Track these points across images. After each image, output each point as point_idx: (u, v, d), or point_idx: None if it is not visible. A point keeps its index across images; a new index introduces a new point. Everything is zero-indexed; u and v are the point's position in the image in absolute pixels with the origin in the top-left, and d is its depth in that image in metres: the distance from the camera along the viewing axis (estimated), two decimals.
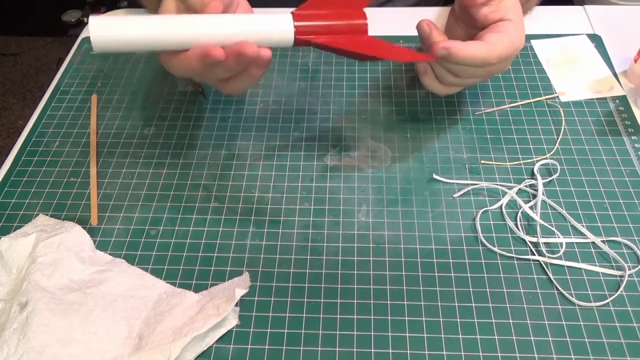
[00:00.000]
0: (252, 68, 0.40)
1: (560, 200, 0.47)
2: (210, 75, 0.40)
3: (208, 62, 0.37)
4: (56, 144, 0.54)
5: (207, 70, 0.39)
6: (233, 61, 0.38)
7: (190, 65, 0.38)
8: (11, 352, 0.37)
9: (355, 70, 0.60)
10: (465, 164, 0.50)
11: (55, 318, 0.38)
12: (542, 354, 0.38)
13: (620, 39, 0.60)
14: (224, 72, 0.40)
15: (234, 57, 0.38)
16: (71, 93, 0.59)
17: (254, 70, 0.40)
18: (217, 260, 0.44)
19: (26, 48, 1.84)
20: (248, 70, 0.40)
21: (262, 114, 0.56)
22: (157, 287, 0.42)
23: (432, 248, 0.44)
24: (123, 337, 0.39)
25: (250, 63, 0.39)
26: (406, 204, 0.47)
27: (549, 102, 0.55)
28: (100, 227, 0.47)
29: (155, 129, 0.55)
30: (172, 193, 0.49)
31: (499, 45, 0.44)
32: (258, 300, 0.42)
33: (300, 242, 0.45)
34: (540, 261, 0.43)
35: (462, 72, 0.46)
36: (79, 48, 0.64)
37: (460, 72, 0.46)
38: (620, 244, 0.44)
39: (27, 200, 0.49)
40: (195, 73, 0.40)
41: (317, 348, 0.39)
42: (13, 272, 0.42)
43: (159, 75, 0.60)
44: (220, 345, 0.40)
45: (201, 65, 0.38)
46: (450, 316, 0.40)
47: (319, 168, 0.51)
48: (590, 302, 0.41)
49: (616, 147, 0.51)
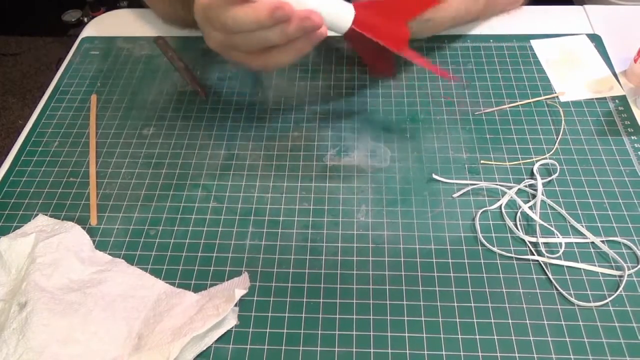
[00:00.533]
0: (303, 42, 0.39)
1: (560, 200, 0.47)
2: (258, 37, 0.39)
3: (276, 16, 0.36)
4: (55, 144, 0.54)
5: (267, 26, 0.38)
6: (296, 25, 0.37)
7: (256, 15, 0.37)
8: (10, 352, 0.37)
9: (355, 70, 0.60)
10: (465, 164, 0.50)
11: (55, 318, 0.38)
12: (542, 354, 0.38)
13: (620, 39, 0.60)
14: (278, 36, 0.38)
15: (299, 21, 0.37)
16: (71, 93, 0.59)
17: (303, 44, 0.39)
18: (217, 260, 0.44)
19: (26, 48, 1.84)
20: (296, 43, 0.39)
21: (262, 114, 0.56)
22: (157, 287, 0.42)
23: (432, 248, 0.44)
24: (122, 337, 0.39)
25: (308, 34, 0.38)
26: (405, 204, 0.47)
27: (549, 102, 0.55)
28: (100, 227, 0.47)
29: (155, 129, 0.55)
30: (171, 193, 0.49)
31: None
32: (257, 301, 0.42)
33: (300, 242, 0.45)
34: (539, 261, 0.43)
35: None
36: (78, 48, 0.64)
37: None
38: (619, 244, 0.44)
39: (27, 200, 0.49)
40: (254, 26, 0.38)
41: (316, 348, 0.39)
42: (12, 272, 0.42)
43: (158, 75, 0.60)
44: (219, 345, 0.40)
45: (267, 18, 0.37)
46: (450, 316, 0.40)
47: (318, 168, 0.51)
48: (590, 302, 0.41)
49: (616, 147, 0.51)
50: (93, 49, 0.64)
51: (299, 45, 0.39)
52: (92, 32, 0.67)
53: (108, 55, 0.63)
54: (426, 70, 0.59)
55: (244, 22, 0.38)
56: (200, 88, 0.58)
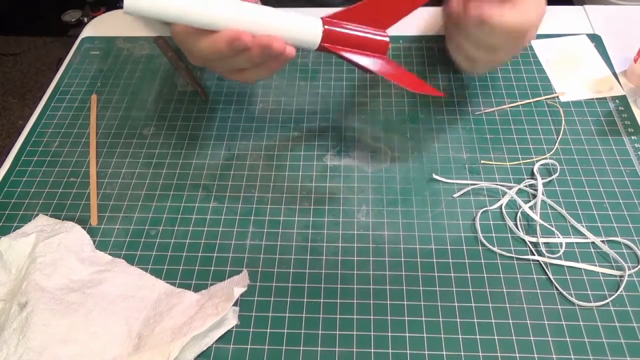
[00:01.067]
0: (273, 62, 0.40)
1: (560, 200, 0.47)
2: (227, 63, 0.40)
3: (235, 47, 0.37)
4: (56, 144, 0.54)
5: (229, 56, 0.38)
6: (258, 52, 0.38)
7: (216, 47, 0.38)
8: (11, 352, 0.37)
9: (355, 70, 0.60)
10: (465, 164, 0.50)
11: (55, 318, 0.38)
12: (542, 354, 0.38)
13: (620, 39, 0.60)
14: (244, 61, 0.39)
15: (260, 49, 0.37)
16: (71, 93, 0.59)
17: (274, 64, 0.40)
18: (217, 260, 0.44)
19: (26, 48, 1.84)
20: (267, 64, 0.40)
21: (262, 114, 0.56)
22: (157, 287, 0.42)
23: (432, 248, 0.44)
24: (122, 337, 0.39)
25: (273, 58, 0.39)
26: (406, 204, 0.47)
27: (549, 102, 0.55)
28: (100, 227, 0.47)
29: (155, 128, 0.55)
30: (171, 193, 0.49)
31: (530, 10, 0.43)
32: (258, 300, 0.42)
33: (300, 242, 0.45)
34: (540, 261, 0.43)
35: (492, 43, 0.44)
36: (79, 48, 0.64)
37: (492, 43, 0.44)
38: (620, 244, 0.44)
39: (27, 200, 0.49)
40: (216, 56, 0.39)
41: (317, 348, 0.39)
42: (13, 272, 0.42)
43: (158, 75, 0.60)
44: (219, 345, 0.40)
45: (227, 49, 0.37)
46: (450, 316, 0.40)
47: (318, 168, 0.51)
48: (590, 302, 0.41)
49: (616, 147, 0.51)
50: (93, 49, 0.64)
51: (269, 66, 0.40)
52: (92, 32, 0.67)
53: (108, 55, 0.63)
54: (426, 70, 0.59)
55: (207, 52, 0.39)
56: (201, 88, 0.58)
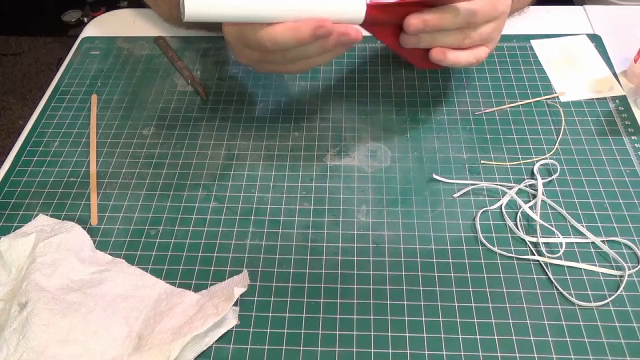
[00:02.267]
0: (340, 48, 0.40)
1: (560, 200, 0.47)
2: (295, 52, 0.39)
3: (318, 34, 0.37)
4: (56, 144, 0.54)
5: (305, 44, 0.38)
6: (335, 39, 0.38)
7: (296, 36, 0.37)
8: (11, 352, 0.37)
9: (355, 70, 0.60)
10: (465, 164, 0.50)
11: (55, 318, 0.38)
12: (542, 354, 0.38)
13: (620, 39, 0.60)
14: (317, 49, 0.39)
15: (338, 35, 0.38)
16: (71, 93, 0.59)
17: (340, 50, 0.40)
18: (217, 260, 0.44)
19: (26, 48, 1.84)
20: (336, 50, 0.40)
21: (262, 114, 0.56)
22: (157, 287, 0.42)
23: (432, 248, 0.44)
24: (123, 337, 0.39)
25: (344, 44, 0.39)
26: (406, 204, 0.47)
27: (549, 102, 0.55)
28: (100, 227, 0.47)
29: (155, 129, 0.55)
30: (172, 193, 0.49)
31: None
32: (258, 300, 0.42)
33: (300, 242, 0.45)
34: (540, 261, 0.43)
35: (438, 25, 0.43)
36: (79, 48, 0.64)
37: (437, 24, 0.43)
38: (620, 244, 0.44)
39: (27, 200, 0.49)
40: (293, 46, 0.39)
41: (317, 348, 0.39)
42: (13, 272, 0.42)
43: (158, 75, 0.60)
44: (220, 345, 0.40)
45: (309, 37, 0.37)
46: (450, 316, 0.40)
47: (318, 168, 0.51)
48: (590, 302, 0.41)
49: (616, 147, 0.51)
50: (93, 49, 0.64)
51: (335, 52, 0.40)
52: (92, 32, 0.67)
53: (108, 55, 0.63)
54: (427, 70, 0.59)
55: (285, 42, 0.38)
56: (201, 88, 0.58)
